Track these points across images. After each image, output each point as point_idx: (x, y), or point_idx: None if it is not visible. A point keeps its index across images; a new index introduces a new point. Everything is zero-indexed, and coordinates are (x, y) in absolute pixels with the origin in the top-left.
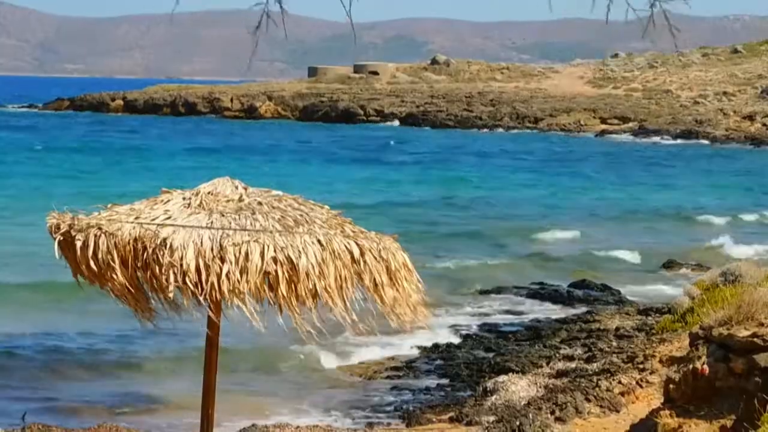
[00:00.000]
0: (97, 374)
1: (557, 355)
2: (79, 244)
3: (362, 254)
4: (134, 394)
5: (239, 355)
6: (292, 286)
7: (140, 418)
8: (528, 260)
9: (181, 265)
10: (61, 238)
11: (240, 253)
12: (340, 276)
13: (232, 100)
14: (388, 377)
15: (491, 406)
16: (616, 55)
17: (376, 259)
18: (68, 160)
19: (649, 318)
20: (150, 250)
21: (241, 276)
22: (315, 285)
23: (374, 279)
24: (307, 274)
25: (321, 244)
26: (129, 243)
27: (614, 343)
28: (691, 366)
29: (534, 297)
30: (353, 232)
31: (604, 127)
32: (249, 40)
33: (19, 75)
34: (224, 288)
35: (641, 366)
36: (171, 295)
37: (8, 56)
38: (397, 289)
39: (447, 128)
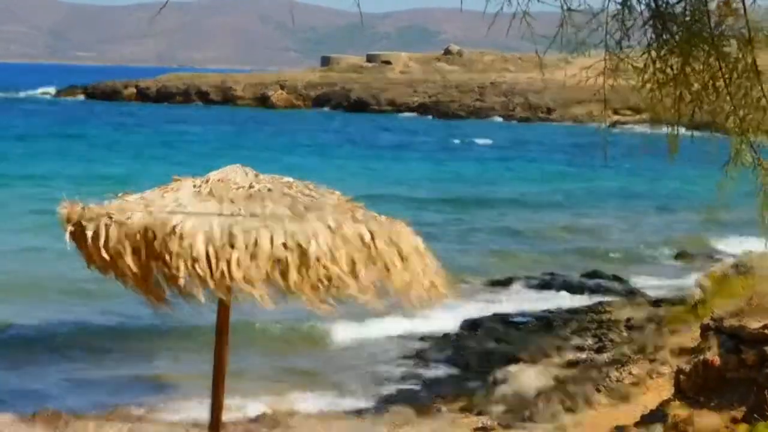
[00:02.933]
0: (109, 359)
1: (568, 345)
2: (89, 233)
3: (373, 239)
4: (145, 379)
5: (248, 342)
6: (303, 271)
7: (151, 403)
8: (539, 250)
9: (191, 253)
10: (72, 228)
11: (250, 239)
12: (351, 261)
13: (244, 88)
14: (398, 366)
15: (501, 396)
16: (628, 46)
17: (386, 243)
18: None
19: (661, 309)
20: (160, 239)
21: (251, 262)
22: (326, 270)
23: (385, 263)
24: (318, 260)
25: (331, 230)
26: (139, 232)
27: (625, 334)
28: (702, 357)
29: (545, 287)
30: (364, 217)
31: (616, 118)
32: (261, 28)
33: (31, 62)
34: (234, 275)
35: (652, 357)
36: (182, 282)
37: (20, 43)
38: (409, 274)
39: (458, 119)
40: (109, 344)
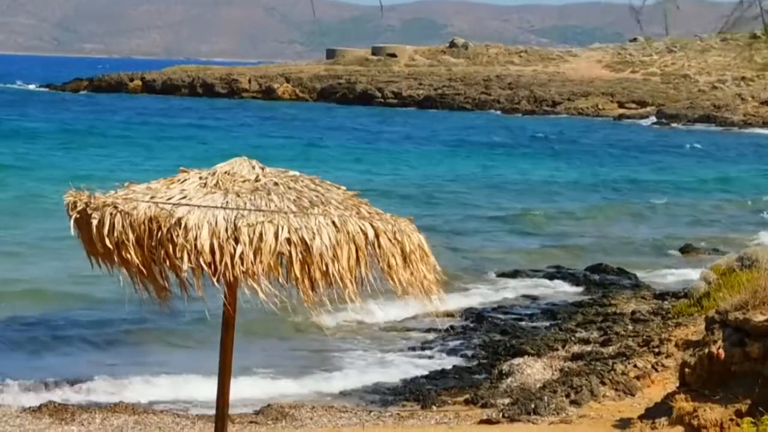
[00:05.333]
0: (114, 352)
1: (573, 338)
2: (94, 222)
3: (377, 236)
4: (152, 372)
5: (254, 336)
6: (306, 267)
7: (157, 395)
8: (545, 243)
9: (195, 245)
10: (77, 216)
11: (254, 233)
12: (354, 258)
13: (250, 81)
14: (403, 359)
15: (506, 388)
16: (634, 39)
17: (390, 241)
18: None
19: (665, 302)
20: (164, 230)
21: (255, 257)
22: (328, 267)
23: (388, 261)
24: (321, 256)
25: (335, 226)
26: (144, 222)
27: (630, 327)
28: (706, 350)
29: (550, 280)
30: (369, 213)
31: (621, 111)
32: (267, 21)
33: (38, 54)
34: (237, 269)
35: (657, 350)
36: (185, 275)
37: (27, 35)
38: (412, 272)
39: (465, 111)
40: (115, 338)
